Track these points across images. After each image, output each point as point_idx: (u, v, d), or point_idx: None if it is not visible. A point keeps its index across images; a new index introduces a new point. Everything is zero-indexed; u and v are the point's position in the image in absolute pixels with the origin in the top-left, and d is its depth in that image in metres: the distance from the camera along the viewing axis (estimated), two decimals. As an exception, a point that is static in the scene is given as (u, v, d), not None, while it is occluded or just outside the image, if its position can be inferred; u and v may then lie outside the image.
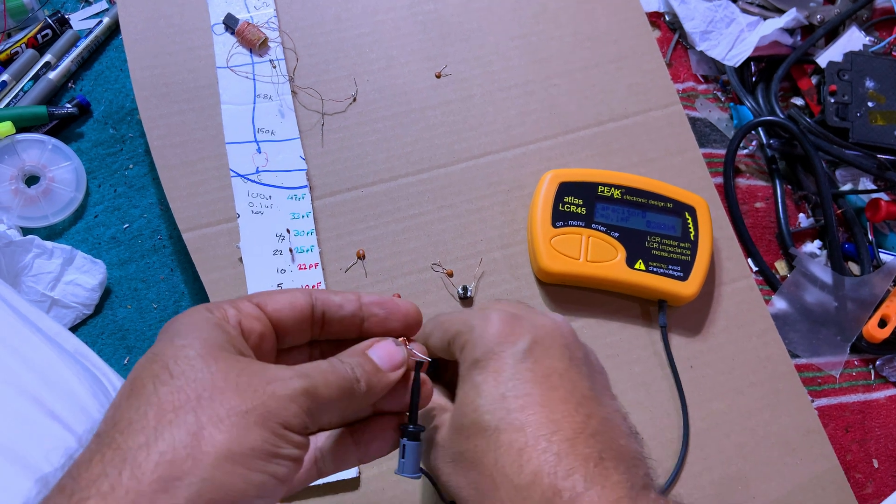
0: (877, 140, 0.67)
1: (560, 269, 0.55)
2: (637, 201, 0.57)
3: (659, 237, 0.56)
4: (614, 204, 0.57)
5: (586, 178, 0.57)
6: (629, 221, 0.56)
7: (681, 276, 0.55)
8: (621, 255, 0.55)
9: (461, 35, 0.64)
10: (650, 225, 0.56)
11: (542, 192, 0.56)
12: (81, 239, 0.60)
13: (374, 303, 0.36)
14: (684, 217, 0.57)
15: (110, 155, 0.63)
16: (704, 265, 0.56)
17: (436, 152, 0.60)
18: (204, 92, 0.59)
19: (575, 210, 0.56)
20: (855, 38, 0.72)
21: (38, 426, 0.44)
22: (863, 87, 0.68)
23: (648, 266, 0.55)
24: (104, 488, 0.24)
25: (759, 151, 0.70)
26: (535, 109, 0.63)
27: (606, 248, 0.55)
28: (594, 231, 0.56)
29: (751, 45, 0.69)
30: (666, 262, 0.55)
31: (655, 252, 0.56)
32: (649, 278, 0.55)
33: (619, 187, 0.57)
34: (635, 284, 0.55)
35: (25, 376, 0.46)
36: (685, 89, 0.71)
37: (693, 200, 0.58)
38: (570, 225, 0.56)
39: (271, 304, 0.33)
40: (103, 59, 0.66)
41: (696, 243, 0.56)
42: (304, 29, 0.62)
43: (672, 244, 0.56)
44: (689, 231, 0.57)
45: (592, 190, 0.57)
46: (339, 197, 0.58)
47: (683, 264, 0.56)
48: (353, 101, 0.61)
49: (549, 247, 0.55)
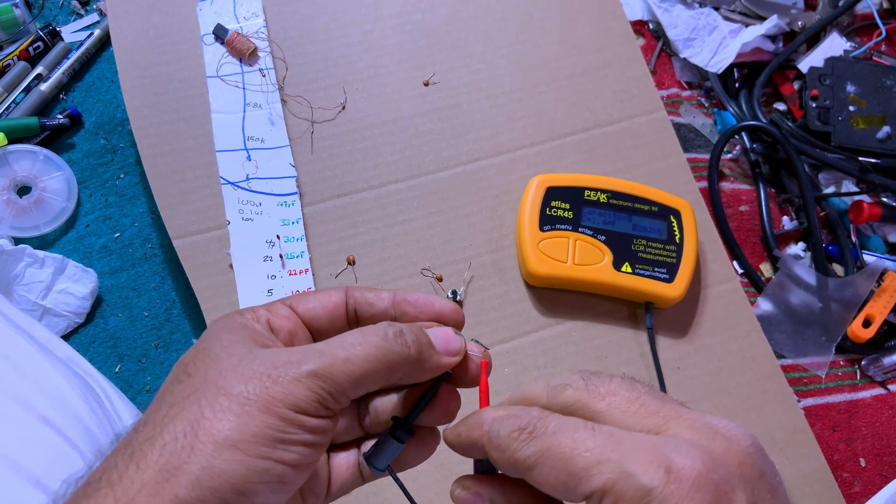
0: (858, 143, 0.68)
1: (548, 272, 0.56)
2: (623, 205, 0.58)
3: (645, 240, 0.57)
4: (600, 208, 0.57)
5: (573, 182, 0.58)
6: (615, 225, 0.57)
7: (667, 278, 0.56)
8: (608, 258, 0.56)
9: (448, 44, 0.65)
10: (636, 228, 0.57)
11: (529, 197, 0.57)
12: (73, 248, 0.60)
13: (406, 301, 0.33)
14: (669, 220, 0.58)
15: (101, 165, 0.63)
16: (690, 267, 0.57)
17: (424, 159, 0.61)
18: (194, 101, 0.60)
19: (562, 214, 0.57)
20: (836, 44, 0.73)
21: (31, 432, 0.44)
22: (844, 92, 0.69)
23: (635, 268, 0.56)
24: (113, 478, 0.25)
25: (742, 156, 0.71)
26: (521, 116, 0.64)
27: (593, 251, 0.56)
28: (581, 235, 0.56)
29: (733, 51, 0.71)
30: (652, 265, 0.56)
31: (642, 255, 0.57)
32: (636, 280, 0.56)
33: (605, 191, 0.58)
34: (622, 287, 0.56)
35: (18, 383, 0.46)
36: (669, 95, 0.72)
37: (678, 204, 0.59)
38: (558, 229, 0.56)
39: (303, 305, 0.33)
40: (94, 71, 0.67)
41: (682, 246, 0.57)
42: (294, 39, 0.63)
43: (658, 247, 0.57)
44: (675, 234, 0.58)
45: (579, 194, 0.58)
46: (329, 203, 0.59)
47: (669, 266, 0.57)
48: (342, 109, 0.62)
49: (537, 250, 0.56)
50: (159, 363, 0.58)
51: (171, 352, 0.58)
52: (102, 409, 0.49)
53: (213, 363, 0.28)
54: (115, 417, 0.50)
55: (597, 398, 0.27)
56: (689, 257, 0.57)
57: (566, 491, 0.25)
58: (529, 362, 0.56)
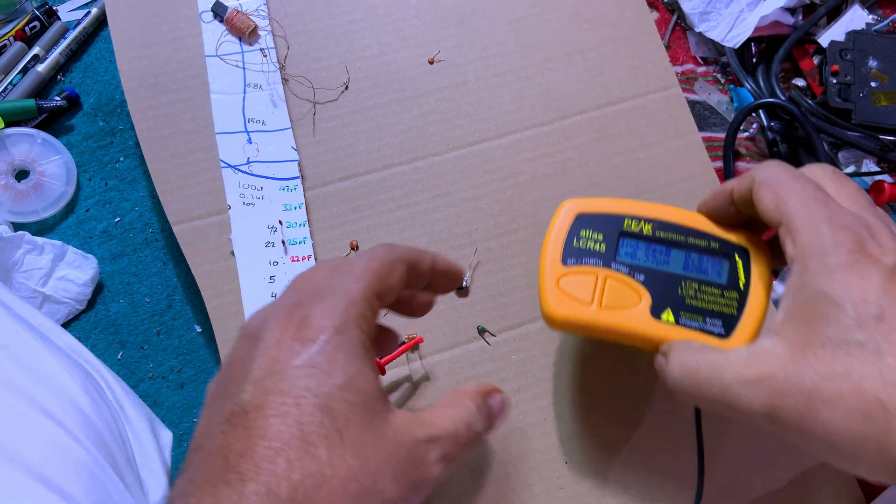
0: (880, 121, 0.65)
1: (567, 315, 0.45)
2: (672, 238, 0.46)
3: (697, 283, 0.44)
4: (643, 240, 0.46)
5: (610, 209, 0.47)
6: (660, 262, 0.45)
7: (721, 333, 0.43)
8: (645, 303, 0.44)
9: (455, 20, 0.63)
10: (688, 267, 0.45)
11: (555, 225, 0.47)
12: (73, 233, 0.59)
13: (446, 272, 0.40)
14: (733, 259, 0.45)
15: (101, 148, 0.62)
16: (755, 322, 0.44)
17: (429, 140, 0.59)
18: (193, 82, 0.58)
19: (592, 246, 0.46)
20: (857, 17, 0.70)
21: (30, 423, 0.44)
22: (866, 67, 0.67)
23: (679, 318, 0.44)
24: None
25: (759, 134, 0.68)
26: (530, 95, 0.62)
27: (627, 292, 0.45)
28: (614, 272, 0.45)
29: (751, 25, 0.68)
30: (703, 315, 0.44)
31: (690, 301, 0.44)
32: (679, 332, 0.43)
33: (650, 221, 0.46)
34: (660, 339, 0.44)
35: (17, 373, 0.45)
36: (684, 72, 0.70)
37: (746, 240, 0.46)
38: (585, 263, 0.45)
39: (385, 299, 0.35)
40: (92, 51, 0.65)
41: (746, 294, 0.44)
42: (295, 16, 0.61)
43: (714, 293, 0.44)
44: (738, 277, 0.45)
45: (616, 223, 0.46)
46: (332, 187, 0.57)
47: (726, 319, 0.44)
48: (345, 88, 0.60)
49: (556, 289, 0.45)
50: (161, 350, 0.57)
51: (174, 338, 0.57)
52: (104, 399, 0.48)
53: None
54: (117, 407, 0.49)
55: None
56: (756, 309, 0.44)
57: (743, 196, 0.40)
58: (537, 349, 0.55)
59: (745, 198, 0.39)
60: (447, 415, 0.34)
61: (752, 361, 0.34)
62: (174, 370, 0.57)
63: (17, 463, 0.42)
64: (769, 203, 0.36)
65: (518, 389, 0.53)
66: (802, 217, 0.34)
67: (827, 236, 0.33)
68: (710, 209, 0.43)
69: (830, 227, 0.33)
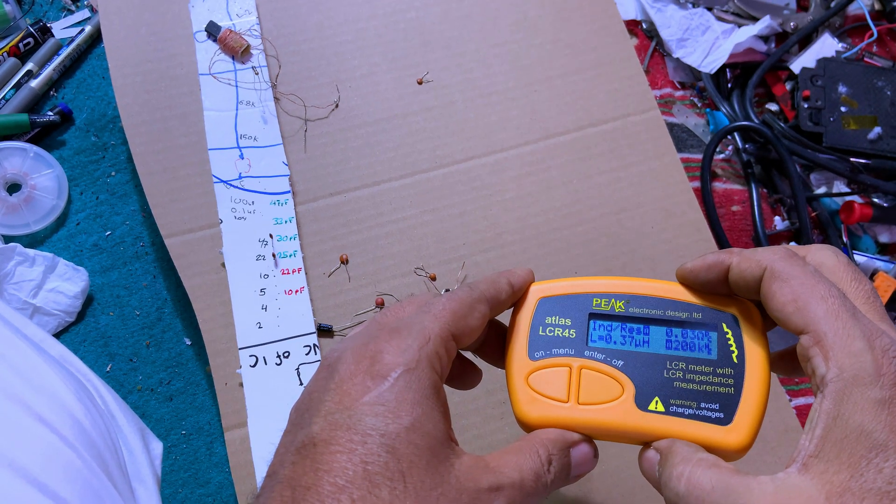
0: (850, 144, 0.68)
1: (540, 417, 0.39)
2: (648, 314, 0.40)
3: (684, 362, 0.39)
4: (616, 320, 0.41)
5: (575, 289, 0.42)
6: (639, 342, 0.40)
7: (720, 419, 0.38)
8: (629, 393, 0.38)
9: (442, 42, 0.65)
10: (671, 345, 0.40)
11: (518, 315, 0.41)
12: (63, 246, 0.60)
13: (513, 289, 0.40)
14: (721, 330, 0.39)
15: (92, 162, 0.63)
16: (757, 403, 0.39)
17: (418, 157, 0.61)
18: (186, 99, 0.59)
19: (560, 333, 0.41)
20: (828, 45, 0.74)
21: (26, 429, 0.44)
22: (836, 93, 0.70)
23: (669, 406, 0.38)
24: None
25: (735, 156, 0.71)
26: (515, 115, 0.64)
27: (606, 383, 0.39)
28: (588, 361, 0.39)
29: (726, 52, 0.71)
30: (696, 398, 0.38)
31: (679, 384, 0.39)
32: (671, 423, 0.38)
33: (620, 297, 0.41)
34: (650, 433, 0.39)
35: (11, 380, 0.45)
36: (662, 95, 0.72)
37: (733, 306, 0.40)
38: (555, 355, 0.40)
39: (464, 340, 0.35)
40: (85, 68, 0.66)
41: (742, 368, 0.38)
42: (287, 36, 0.63)
43: (705, 371, 0.38)
44: (731, 350, 0.39)
45: (584, 304, 0.41)
46: (322, 202, 0.59)
47: (723, 400, 0.38)
48: (335, 107, 0.62)
49: (526, 387, 0.40)
50: (150, 362, 0.57)
51: (163, 351, 0.58)
52: (96, 407, 0.48)
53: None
54: (109, 416, 0.49)
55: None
56: (756, 385, 0.38)
57: (753, 283, 0.35)
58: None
59: (749, 283, 0.35)
60: (514, 462, 0.32)
61: (779, 500, 0.29)
62: (163, 382, 0.57)
63: (14, 468, 0.42)
64: (788, 305, 0.32)
65: (504, 401, 0.54)
66: (836, 331, 0.30)
67: (868, 363, 0.29)
68: (696, 281, 0.38)
69: (871, 351, 0.29)
